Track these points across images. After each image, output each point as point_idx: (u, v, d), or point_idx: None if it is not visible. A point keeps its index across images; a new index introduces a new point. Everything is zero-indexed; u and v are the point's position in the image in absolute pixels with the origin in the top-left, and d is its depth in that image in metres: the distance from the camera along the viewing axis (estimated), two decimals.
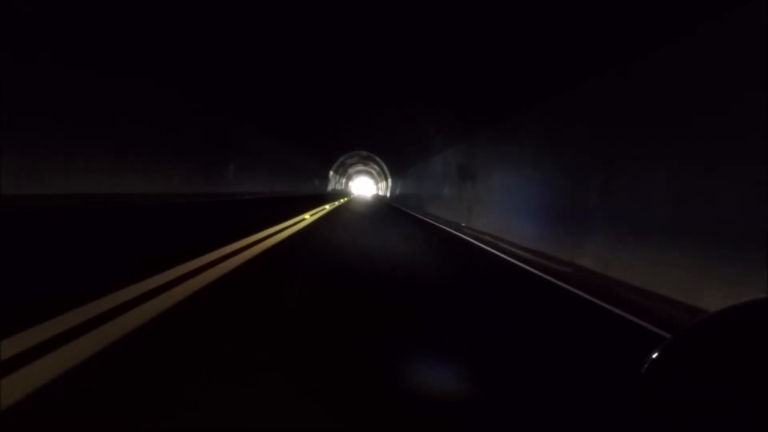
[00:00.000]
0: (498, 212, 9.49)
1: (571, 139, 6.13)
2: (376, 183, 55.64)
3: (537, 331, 2.93)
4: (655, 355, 0.59)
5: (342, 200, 24.46)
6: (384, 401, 1.63)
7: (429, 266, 5.47)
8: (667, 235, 4.03)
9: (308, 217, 10.04)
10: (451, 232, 10.18)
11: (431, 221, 13.33)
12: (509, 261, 6.22)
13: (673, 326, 3.12)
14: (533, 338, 2.72)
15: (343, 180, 50.82)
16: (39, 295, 2.34)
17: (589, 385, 1.99)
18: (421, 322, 2.81)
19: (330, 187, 36.44)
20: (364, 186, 75.20)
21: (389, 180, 38.76)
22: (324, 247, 6.20)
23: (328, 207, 16.02)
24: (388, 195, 36.89)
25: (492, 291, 4.23)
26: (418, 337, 2.49)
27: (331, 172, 35.69)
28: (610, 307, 3.69)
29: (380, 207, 21.81)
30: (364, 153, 30.68)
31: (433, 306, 3.29)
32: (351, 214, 14.81)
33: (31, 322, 1.85)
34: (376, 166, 41.90)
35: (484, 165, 10.75)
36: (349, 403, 1.58)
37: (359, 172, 57.10)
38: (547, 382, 2.00)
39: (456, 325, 2.83)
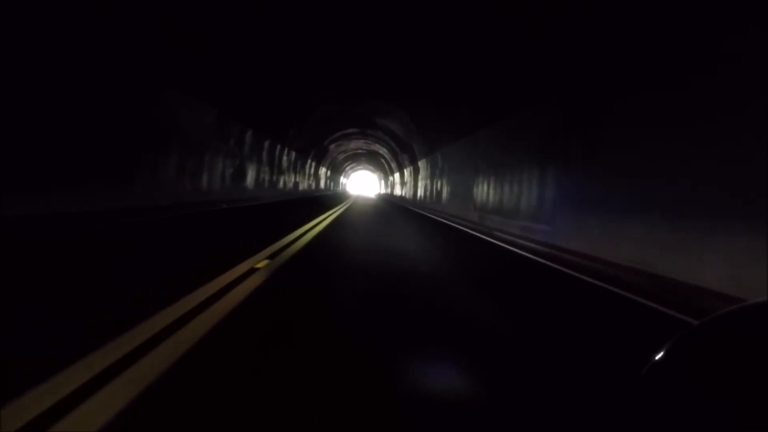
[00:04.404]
0: None
1: None
2: (386, 176, 35.09)
3: None
4: (656, 357, 0.58)
5: None
6: None
7: None
8: None
9: None
10: None
11: None
12: None
13: None
14: None
15: (325, 171, 29.62)
16: None
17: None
18: None
19: (255, 183, 13.02)
20: (364, 184, 55.19)
21: (420, 165, 17.98)
22: None
23: None
24: (430, 196, 15.79)
25: None
26: None
27: (266, 145, 13.88)
28: None
29: None
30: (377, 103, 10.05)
31: None
32: None
33: None
34: (389, 140, 20.90)
35: None
36: None
37: (354, 159, 36.06)
38: None
39: None
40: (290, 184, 17.88)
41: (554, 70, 5.82)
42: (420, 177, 19.13)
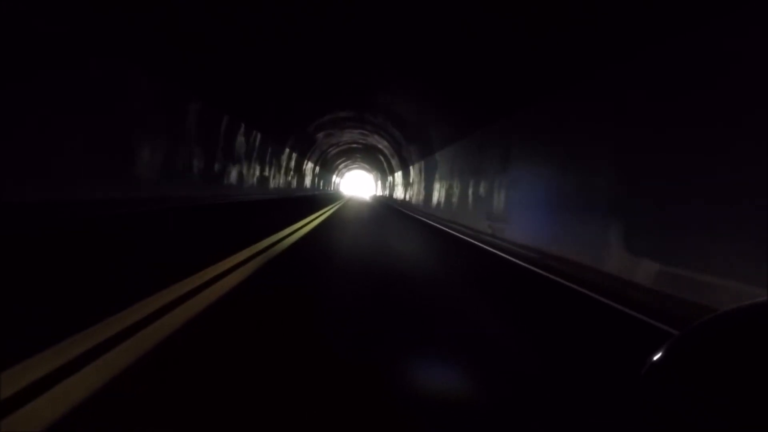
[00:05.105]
0: None
1: None
2: (384, 175, 29.88)
3: None
4: (655, 357, 0.57)
5: None
6: None
7: None
8: None
9: None
10: None
11: None
12: None
13: None
14: None
15: (313, 166, 24.23)
16: None
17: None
18: None
19: None
20: (359, 185, 50.65)
21: (438, 157, 12.60)
22: None
23: None
24: (459, 204, 10.38)
25: None
26: None
27: (192, 109, 8.34)
28: None
29: None
30: None
31: None
32: None
33: None
34: (393, 128, 15.58)
35: None
36: None
37: (349, 155, 30.71)
38: None
39: None
40: (252, 180, 12.32)
41: None
42: (438, 175, 13.67)
